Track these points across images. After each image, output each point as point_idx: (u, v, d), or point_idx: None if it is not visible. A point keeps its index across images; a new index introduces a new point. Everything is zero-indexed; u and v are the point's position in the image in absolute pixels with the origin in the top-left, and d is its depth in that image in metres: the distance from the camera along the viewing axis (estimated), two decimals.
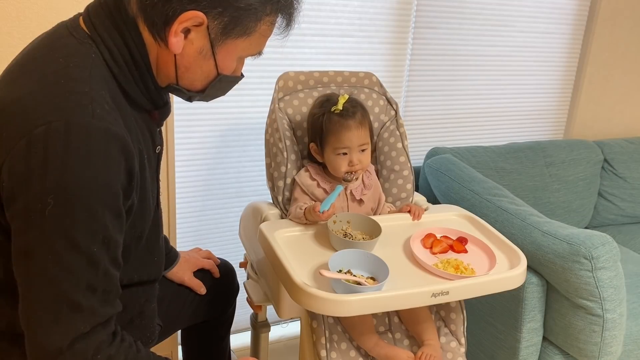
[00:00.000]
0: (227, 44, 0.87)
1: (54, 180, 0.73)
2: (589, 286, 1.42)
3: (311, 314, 1.25)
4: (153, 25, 0.83)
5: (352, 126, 1.28)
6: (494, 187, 1.74)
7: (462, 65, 2.15)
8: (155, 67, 0.89)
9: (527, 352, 1.56)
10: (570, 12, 2.28)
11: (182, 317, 1.33)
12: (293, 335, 2.09)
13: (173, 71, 0.88)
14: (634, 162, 2.37)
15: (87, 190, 0.75)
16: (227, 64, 0.90)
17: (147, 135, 0.94)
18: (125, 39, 0.84)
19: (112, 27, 0.84)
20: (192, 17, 0.81)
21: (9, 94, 0.80)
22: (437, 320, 1.36)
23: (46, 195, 0.73)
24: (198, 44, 0.85)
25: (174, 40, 0.83)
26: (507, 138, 2.36)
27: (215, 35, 0.85)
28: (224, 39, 0.86)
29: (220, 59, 0.88)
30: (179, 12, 0.81)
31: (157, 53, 0.87)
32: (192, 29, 0.83)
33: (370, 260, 1.14)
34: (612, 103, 2.52)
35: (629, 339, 1.60)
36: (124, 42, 0.84)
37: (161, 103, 0.94)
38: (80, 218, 0.75)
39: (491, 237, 1.30)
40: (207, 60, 0.88)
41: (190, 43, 0.85)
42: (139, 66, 0.86)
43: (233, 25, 0.85)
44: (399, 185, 1.44)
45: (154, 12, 0.81)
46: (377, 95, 1.50)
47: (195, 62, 0.87)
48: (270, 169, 1.38)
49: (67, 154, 0.73)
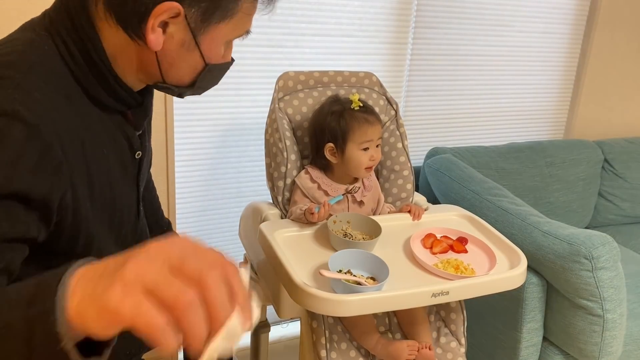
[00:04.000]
0: (210, 31, 0.80)
1: None
2: (589, 286, 1.42)
3: (311, 314, 1.25)
4: (126, 23, 0.77)
5: (373, 121, 1.32)
6: (494, 187, 1.74)
7: (462, 65, 2.15)
8: (136, 66, 0.83)
9: (527, 352, 1.56)
10: (570, 12, 2.28)
11: None
12: (293, 335, 2.09)
13: (157, 69, 0.82)
14: (634, 162, 2.37)
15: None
16: (214, 52, 0.84)
17: (119, 138, 0.87)
18: (80, 36, 0.78)
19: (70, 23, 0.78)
20: (167, 8, 0.75)
21: None
22: (437, 320, 1.36)
23: None
24: (179, 37, 0.79)
25: (152, 37, 0.77)
26: (507, 138, 2.36)
27: (195, 24, 0.78)
28: (206, 27, 0.80)
29: (205, 48, 0.82)
30: (152, 6, 0.75)
31: (136, 52, 0.81)
32: (170, 21, 0.77)
33: (370, 260, 1.14)
34: (612, 103, 2.52)
35: (629, 339, 1.60)
36: (80, 39, 0.78)
37: (133, 103, 0.87)
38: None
39: (491, 237, 1.30)
40: (192, 52, 0.82)
41: (170, 37, 0.79)
42: (97, 65, 0.80)
43: (212, 9, 0.78)
44: (399, 185, 1.44)
45: (125, 10, 0.76)
46: (377, 95, 1.50)
47: (178, 56, 0.81)
48: (270, 169, 1.38)
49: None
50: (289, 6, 1.77)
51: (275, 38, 1.78)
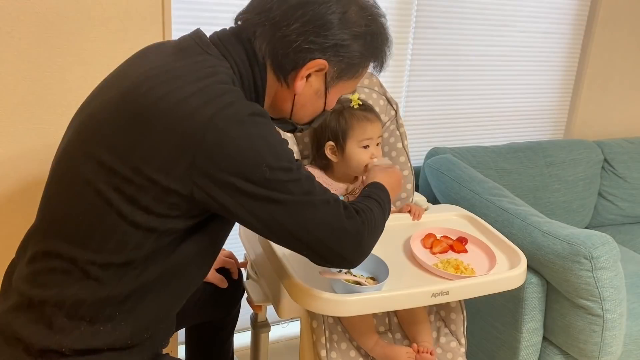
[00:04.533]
0: (338, 85, 0.98)
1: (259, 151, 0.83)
2: (589, 286, 1.42)
3: (311, 314, 1.25)
4: (281, 69, 0.93)
5: (373, 119, 1.34)
6: (494, 187, 1.74)
7: (462, 65, 2.15)
8: (270, 102, 0.99)
9: (527, 352, 1.56)
10: (570, 12, 2.28)
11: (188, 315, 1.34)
12: (293, 335, 2.09)
13: (289, 108, 0.99)
14: (634, 162, 2.37)
15: (283, 150, 0.88)
16: (333, 101, 1.02)
17: None
18: (252, 67, 0.93)
19: (244, 55, 0.93)
20: (318, 64, 0.92)
21: (166, 95, 0.83)
22: (437, 320, 1.36)
23: (260, 165, 0.82)
24: (316, 86, 0.96)
25: (299, 83, 0.94)
26: (507, 138, 2.36)
27: (330, 78, 0.96)
28: (337, 82, 0.98)
29: (330, 98, 1.00)
30: (308, 60, 0.92)
31: (275, 90, 0.97)
32: (313, 73, 0.94)
33: (370, 260, 1.14)
34: (612, 103, 2.52)
35: (629, 339, 1.60)
36: (251, 70, 0.93)
37: None
38: (288, 166, 0.87)
39: (491, 237, 1.30)
40: (319, 99, 0.99)
41: (310, 85, 0.96)
42: (258, 94, 0.95)
43: (347, 70, 0.96)
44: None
45: (285, 60, 0.92)
46: (377, 95, 1.50)
47: (310, 101, 0.98)
48: None
49: (251, 129, 0.83)
50: None
51: None
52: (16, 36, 1.39)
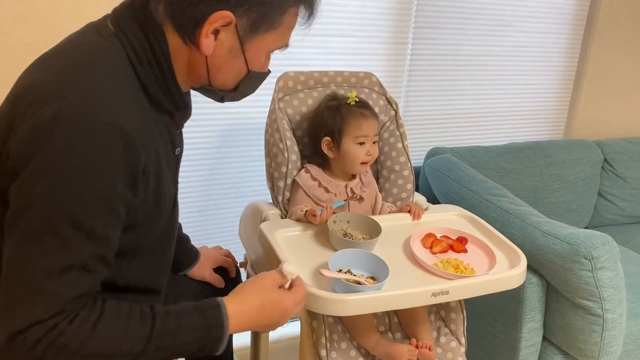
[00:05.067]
0: (256, 39, 0.88)
1: (49, 163, 0.74)
2: (589, 286, 1.42)
3: (311, 314, 1.26)
4: (182, 28, 0.85)
5: (369, 116, 1.34)
6: (494, 187, 1.74)
7: (462, 65, 2.15)
8: (186, 70, 0.90)
9: (527, 352, 1.56)
10: (570, 12, 2.28)
11: None
12: (293, 335, 2.09)
13: (205, 72, 0.90)
14: (634, 162, 2.37)
15: (80, 180, 0.75)
16: (257, 59, 0.92)
17: (166, 136, 0.94)
18: (148, 38, 0.85)
19: (137, 26, 0.85)
20: (221, 17, 0.83)
21: (29, 81, 0.82)
22: (437, 320, 1.36)
23: (39, 177, 0.74)
24: (228, 44, 0.87)
25: (205, 42, 0.84)
26: (507, 138, 2.36)
27: (243, 32, 0.86)
28: (253, 35, 0.88)
29: (249, 55, 0.90)
30: (208, 14, 0.82)
31: (187, 56, 0.88)
32: (221, 29, 0.85)
33: (370, 260, 1.14)
34: (612, 103, 2.52)
35: (629, 339, 1.60)
36: (148, 41, 0.85)
37: (182, 105, 0.94)
38: (68, 203, 0.75)
39: (491, 237, 1.30)
40: (237, 59, 0.89)
41: (221, 43, 0.86)
42: (161, 65, 0.87)
43: (260, 20, 0.86)
44: (399, 185, 1.45)
45: (183, 16, 0.83)
46: (377, 95, 1.50)
47: (226, 61, 0.89)
48: (270, 169, 1.38)
49: (68, 140, 0.74)
50: None
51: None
52: (16, 36, 1.39)
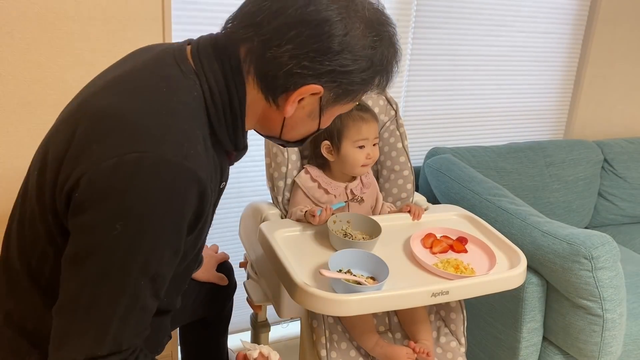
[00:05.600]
0: (335, 108, 0.90)
1: (130, 207, 0.73)
2: (589, 286, 1.42)
3: (311, 314, 1.26)
4: (269, 90, 0.84)
5: (369, 119, 1.33)
6: (494, 187, 1.74)
7: (462, 65, 2.15)
8: (257, 119, 0.91)
9: (527, 352, 1.56)
10: (570, 12, 2.28)
11: (183, 315, 1.34)
12: (293, 335, 2.09)
13: (279, 129, 0.91)
14: (634, 162, 2.37)
15: (157, 226, 0.75)
16: (328, 122, 0.94)
17: (218, 173, 0.94)
18: (228, 83, 0.84)
19: (219, 69, 0.84)
20: (312, 89, 0.83)
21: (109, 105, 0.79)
22: (437, 320, 1.36)
23: (117, 220, 0.73)
24: (309, 109, 0.88)
25: (289, 108, 0.85)
26: (507, 138, 2.36)
27: (326, 102, 0.87)
28: (334, 105, 0.89)
29: (324, 119, 0.92)
30: (300, 85, 0.82)
31: (263, 109, 0.88)
32: (307, 96, 0.85)
33: (370, 260, 1.14)
34: (612, 103, 2.52)
35: (629, 339, 1.60)
36: (227, 88, 0.84)
37: (242, 147, 0.95)
38: (142, 250, 0.75)
39: (491, 237, 1.30)
40: (313, 121, 0.91)
41: (302, 108, 0.87)
42: (235, 114, 0.87)
43: (345, 95, 0.87)
44: (399, 185, 1.44)
45: (275, 82, 0.83)
46: (377, 95, 1.50)
47: (302, 122, 0.90)
48: (270, 169, 1.38)
49: (150, 187, 0.74)
50: None
51: None
52: (16, 36, 1.39)
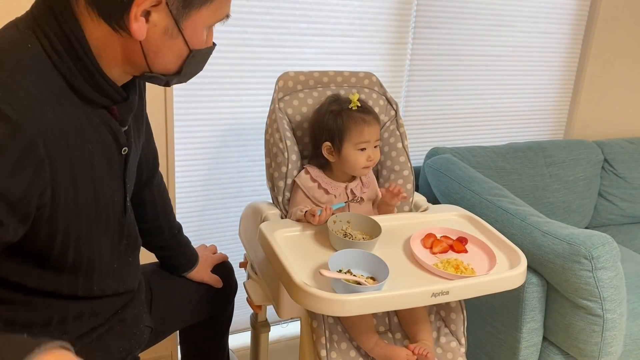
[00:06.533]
0: (191, 16, 0.82)
1: None
2: (589, 286, 1.42)
3: (311, 314, 1.25)
4: (108, 15, 0.78)
5: (371, 121, 1.32)
6: (494, 187, 1.74)
7: (462, 65, 2.15)
8: (121, 59, 0.84)
9: (527, 352, 1.56)
10: (570, 12, 2.28)
11: (181, 317, 1.34)
12: (293, 335, 2.09)
13: (142, 59, 0.83)
14: (634, 162, 2.37)
15: None
16: (197, 37, 0.85)
17: (105, 134, 0.88)
18: (63, 29, 0.79)
19: (52, 18, 0.79)
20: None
21: None
22: (437, 320, 1.36)
23: None
24: (162, 25, 0.80)
25: (135, 27, 0.78)
26: (507, 138, 2.36)
27: (176, 10, 0.80)
28: (187, 12, 0.81)
29: (188, 34, 0.83)
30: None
31: (120, 45, 0.82)
32: (152, 10, 0.78)
33: (370, 260, 1.14)
34: (612, 103, 2.52)
35: (629, 339, 1.60)
36: (63, 33, 0.79)
37: (119, 98, 0.88)
38: None
39: (491, 237, 1.30)
40: (175, 39, 0.83)
41: (154, 26, 0.80)
42: (81, 59, 0.80)
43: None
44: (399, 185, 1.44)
45: (107, 2, 0.77)
46: (377, 95, 1.50)
47: (163, 44, 0.82)
48: (270, 169, 1.38)
49: None
50: (289, 6, 1.77)
51: (275, 38, 1.78)
52: None
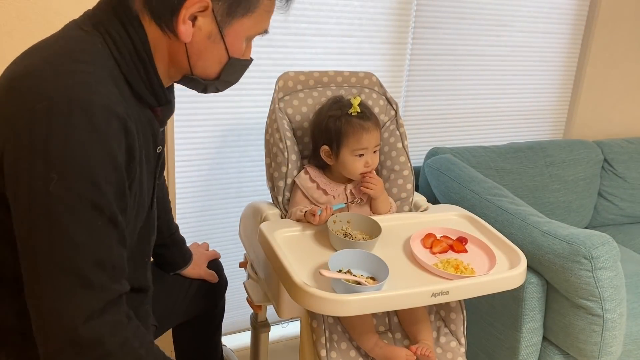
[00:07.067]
0: (234, 24, 0.88)
1: (57, 156, 0.74)
2: (589, 286, 1.42)
3: (311, 314, 1.25)
4: (159, 17, 0.85)
5: (370, 128, 1.31)
6: (494, 187, 1.74)
7: (462, 65, 2.15)
8: (167, 61, 0.90)
9: (527, 352, 1.56)
10: (570, 12, 2.28)
11: (175, 314, 1.34)
12: (293, 335, 2.09)
13: (185, 61, 0.90)
14: (634, 162, 2.37)
15: (90, 164, 0.75)
16: (237, 46, 0.92)
17: (148, 133, 0.94)
18: (127, 30, 0.85)
19: (115, 19, 0.85)
20: (197, 1, 0.83)
21: (12, 73, 0.82)
22: (437, 320, 1.36)
23: (49, 171, 0.73)
24: (206, 30, 0.87)
25: (182, 29, 0.85)
26: (507, 138, 2.36)
27: (221, 17, 0.86)
28: (230, 20, 0.88)
29: (229, 41, 0.90)
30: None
31: (167, 46, 0.88)
32: (199, 14, 0.85)
33: (370, 260, 1.14)
34: (612, 103, 2.52)
35: (629, 339, 1.60)
36: (127, 34, 0.85)
37: (164, 100, 0.94)
38: (85, 193, 0.75)
39: (491, 237, 1.30)
40: (217, 45, 0.89)
41: (199, 30, 0.86)
42: (142, 58, 0.87)
43: (237, 4, 0.87)
44: (399, 185, 1.44)
45: (160, 4, 0.84)
46: (377, 95, 1.50)
47: (205, 48, 0.89)
48: (270, 169, 1.38)
49: (69, 129, 0.74)
50: None
51: (275, 38, 1.78)
52: (16, 36, 1.39)
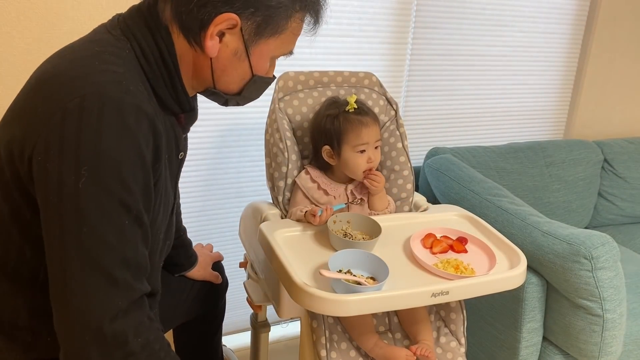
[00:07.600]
0: (260, 44, 0.89)
1: (87, 151, 0.74)
2: (589, 286, 1.42)
3: (311, 314, 1.25)
4: (188, 30, 0.85)
5: (369, 123, 1.31)
6: (494, 187, 1.74)
7: (462, 65, 2.15)
8: (191, 72, 0.91)
9: (527, 352, 1.56)
10: (570, 12, 2.28)
11: (177, 315, 1.34)
12: (293, 335, 2.09)
13: (209, 75, 0.91)
14: (634, 162, 2.37)
15: (120, 161, 0.76)
16: (261, 64, 0.92)
17: (171, 138, 0.95)
18: (155, 39, 0.86)
19: (144, 27, 0.86)
20: (227, 19, 0.83)
21: (43, 73, 0.83)
22: (437, 320, 1.36)
23: (80, 167, 0.74)
24: (233, 46, 0.87)
25: (209, 44, 0.85)
26: (507, 138, 2.36)
27: (248, 36, 0.87)
28: (257, 39, 0.88)
29: (254, 59, 0.90)
30: (214, 15, 0.83)
31: (192, 58, 0.89)
32: (227, 31, 0.86)
33: (370, 260, 1.14)
34: (612, 103, 2.52)
35: (629, 339, 1.60)
36: (155, 42, 0.86)
37: (188, 107, 0.95)
38: (114, 190, 0.76)
39: (491, 237, 1.30)
40: (242, 62, 0.90)
41: (225, 46, 0.87)
42: (168, 66, 0.88)
43: (265, 24, 0.87)
44: (399, 185, 1.44)
45: (189, 18, 0.84)
46: (377, 95, 1.50)
47: (230, 64, 0.90)
48: (270, 169, 1.38)
49: (101, 126, 0.75)
50: None
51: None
52: (16, 36, 1.39)
